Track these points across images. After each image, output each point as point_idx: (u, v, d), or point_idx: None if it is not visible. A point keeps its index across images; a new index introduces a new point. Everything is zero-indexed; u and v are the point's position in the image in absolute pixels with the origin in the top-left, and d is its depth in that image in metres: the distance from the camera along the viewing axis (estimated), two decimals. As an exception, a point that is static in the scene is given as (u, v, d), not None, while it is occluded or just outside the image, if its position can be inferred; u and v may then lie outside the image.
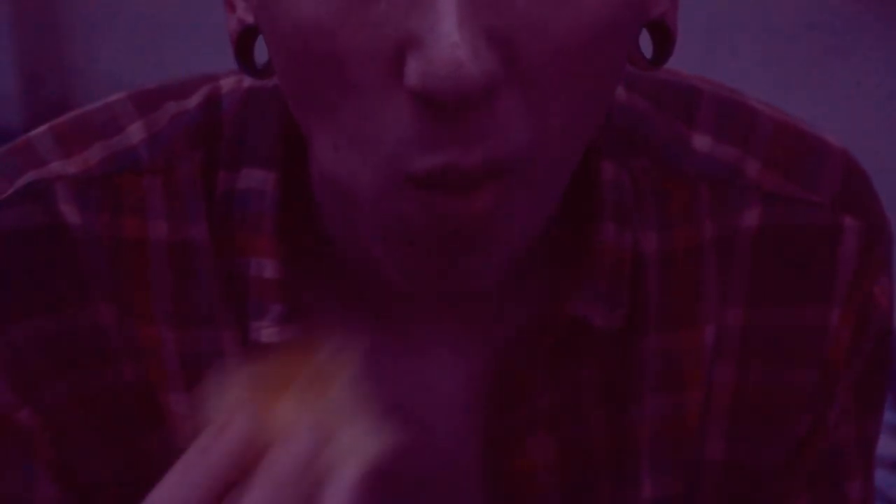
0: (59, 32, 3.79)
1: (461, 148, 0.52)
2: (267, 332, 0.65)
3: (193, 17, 3.61)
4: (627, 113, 0.69)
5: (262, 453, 0.51)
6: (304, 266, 0.67)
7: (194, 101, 0.68)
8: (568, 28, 0.52)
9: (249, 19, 0.59)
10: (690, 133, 0.70)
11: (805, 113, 2.94)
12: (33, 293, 0.65)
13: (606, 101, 0.56)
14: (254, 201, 0.65)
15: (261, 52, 3.52)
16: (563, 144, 0.55)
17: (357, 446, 0.52)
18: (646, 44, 3.05)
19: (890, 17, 2.82)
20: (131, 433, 0.67)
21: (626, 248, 0.67)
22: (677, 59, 3.08)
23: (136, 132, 0.67)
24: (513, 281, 0.67)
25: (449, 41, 0.49)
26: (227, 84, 0.69)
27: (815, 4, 2.87)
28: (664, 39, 0.60)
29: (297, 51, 0.52)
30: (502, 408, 0.68)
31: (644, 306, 0.68)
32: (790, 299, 0.71)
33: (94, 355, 0.66)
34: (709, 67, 2.99)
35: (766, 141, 0.71)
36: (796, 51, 2.91)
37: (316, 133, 0.55)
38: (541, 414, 0.68)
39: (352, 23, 0.51)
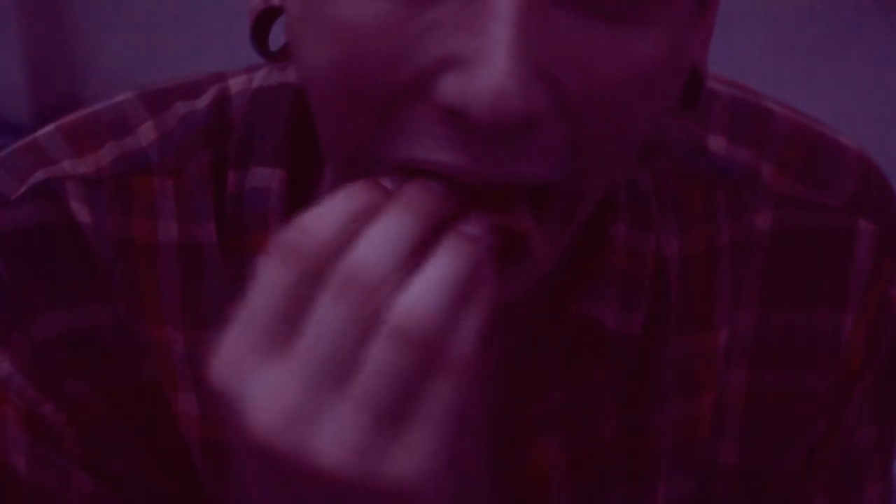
0: (66, 28, 3.79)
1: (481, 158, 0.52)
2: None
3: (199, 13, 3.61)
4: None
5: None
6: None
7: (204, 101, 0.68)
8: (616, 71, 0.52)
9: (275, 1, 0.59)
10: (705, 134, 0.70)
11: (807, 105, 2.94)
12: (50, 289, 0.65)
13: (643, 141, 0.55)
14: (261, 199, 0.65)
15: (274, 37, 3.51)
16: (597, 180, 0.55)
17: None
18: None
19: (892, 10, 2.81)
20: (148, 431, 0.67)
21: (647, 252, 0.66)
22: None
23: (146, 133, 0.67)
24: None
25: (500, 69, 0.49)
26: (236, 84, 0.68)
27: (822, -4, 2.86)
28: (695, 81, 0.60)
29: (331, 49, 0.52)
30: (513, 406, 0.67)
31: (665, 311, 0.68)
32: (803, 303, 0.70)
33: (111, 352, 0.66)
34: (711, 58, 2.99)
35: (781, 143, 0.70)
36: (799, 42, 2.91)
37: (326, 125, 0.55)
38: (552, 414, 0.68)
39: (392, 30, 0.51)
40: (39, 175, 0.66)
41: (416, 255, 0.51)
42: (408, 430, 0.50)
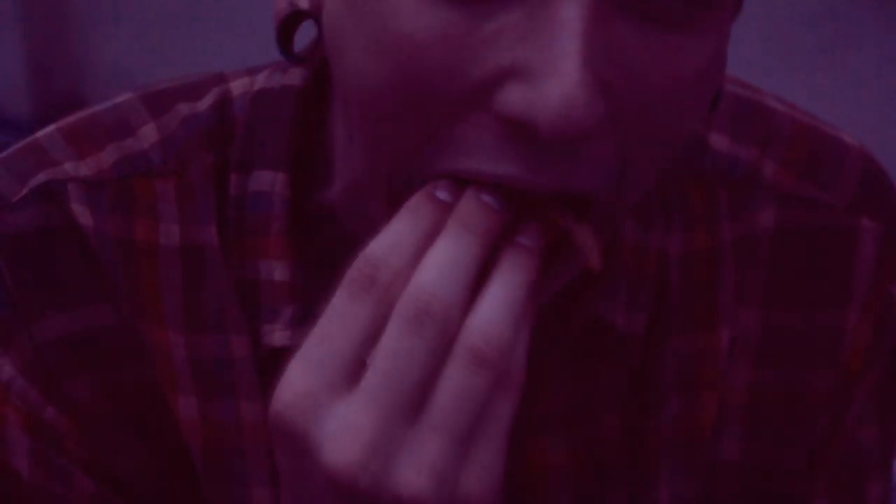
0: (67, 24, 3.79)
1: (536, 168, 0.52)
2: (279, 335, 0.65)
3: (201, 9, 3.61)
4: None
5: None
6: (316, 267, 0.67)
7: (205, 102, 0.68)
8: (668, 81, 0.52)
9: (303, 4, 0.59)
10: (708, 133, 0.70)
11: (808, 104, 2.93)
12: (52, 291, 0.65)
13: (683, 145, 0.55)
14: (263, 203, 0.65)
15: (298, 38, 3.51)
16: (638, 189, 0.55)
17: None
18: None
19: (893, 9, 2.81)
20: (149, 433, 0.67)
21: (651, 250, 0.66)
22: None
23: (148, 135, 0.67)
24: None
25: (569, 79, 0.48)
26: (237, 86, 0.68)
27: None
28: None
29: (386, 61, 0.52)
30: (518, 406, 0.67)
31: (667, 310, 0.68)
32: (806, 302, 0.70)
33: (113, 354, 0.66)
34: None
35: (784, 141, 0.70)
36: (800, 42, 2.90)
37: (372, 137, 0.55)
38: (555, 413, 0.68)
39: (452, 42, 0.51)
40: (41, 177, 0.66)
41: (479, 271, 0.52)
42: (478, 448, 0.51)
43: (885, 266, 0.71)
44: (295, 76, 0.67)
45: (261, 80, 0.68)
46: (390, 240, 0.52)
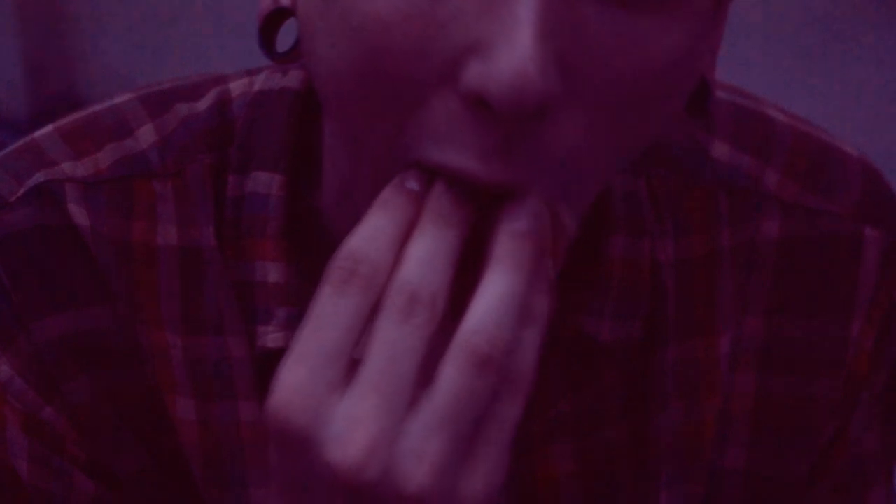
0: (63, 25, 3.79)
1: (497, 159, 0.51)
2: (273, 336, 0.64)
3: (197, 10, 3.61)
4: None
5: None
6: (311, 269, 0.67)
7: (204, 103, 0.68)
8: (631, 66, 0.51)
9: (285, 2, 0.59)
10: (709, 141, 0.69)
11: (808, 105, 2.94)
12: (51, 291, 0.65)
13: (649, 140, 0.55)
14: (260, 204, 0.65)
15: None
16: (598, 174, 0.54)
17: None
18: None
19: (891, 10, 2.81)
20: (147, 434, 0.67)
21: (643, 258, 0.66)
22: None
23: (146, 135, 0.67)
24: None
25: (522, 51, 0.48)
26: (236, 87, 0.68)
27: (822, -4, 2.87)
28: (703, 91, 0.60)
29: (354, 42, 0.52)
30: (523, 415, 0.67)
31: (663, 316, 0.68)
32: (811, 310, 0.70)
33: (111, 355, 0.66)
34: (717, 59, 2.99)
35: (785, 151, 0.70)
36: (799, 42, 2.91)
37: (349, 126, 0.55)
38: (561, 422, 0.68)
39: (417, 20, 0.51)
40: (38, 177, 0.66)
41: (464, 260, 0.53)
42: (480, 448, 0.51)
43: (888, 274, 0.71)
44: (294, 78, 0.67)
45: (260, 82, 0.67)
46: (367, 233, 0.52)
